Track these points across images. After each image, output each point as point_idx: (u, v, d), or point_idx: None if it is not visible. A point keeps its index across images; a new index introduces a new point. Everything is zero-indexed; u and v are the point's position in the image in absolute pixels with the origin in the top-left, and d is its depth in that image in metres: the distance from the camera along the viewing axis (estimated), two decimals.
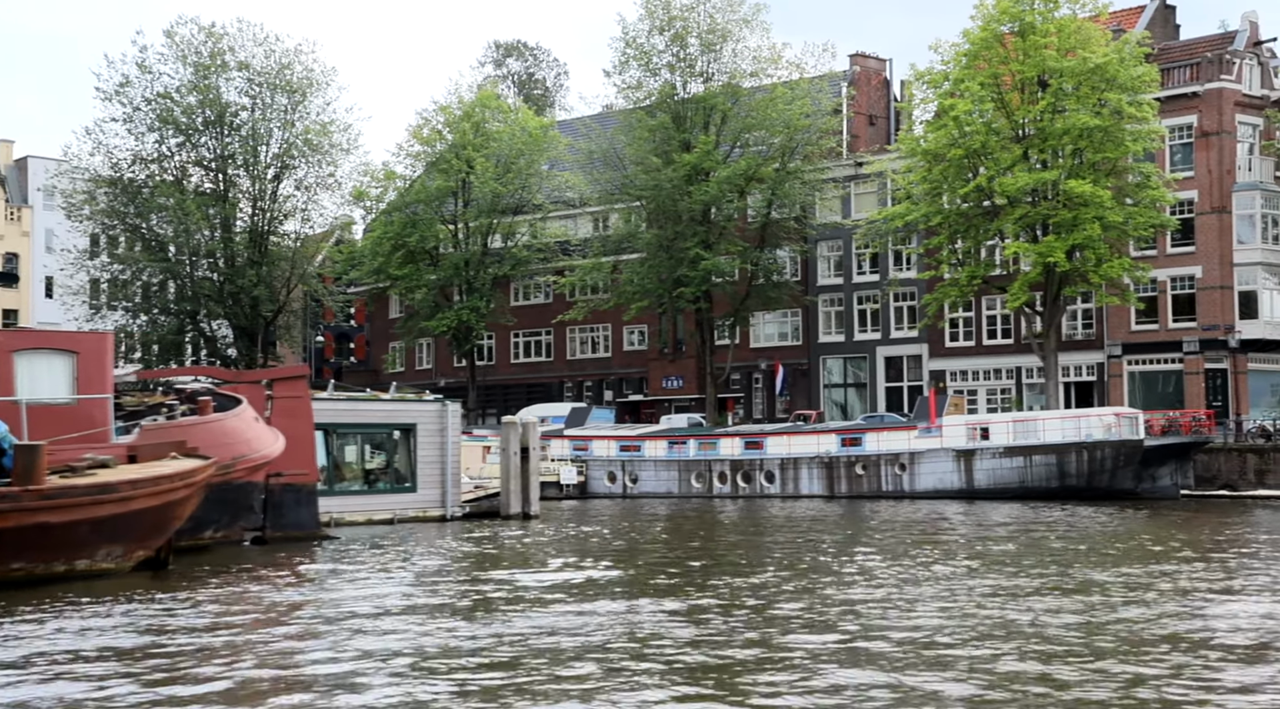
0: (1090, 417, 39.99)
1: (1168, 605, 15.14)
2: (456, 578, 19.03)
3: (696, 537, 26.86)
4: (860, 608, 15.06)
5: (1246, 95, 49.26)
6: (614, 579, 18.86)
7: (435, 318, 55.06)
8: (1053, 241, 42.96)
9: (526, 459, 29.86)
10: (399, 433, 27.60)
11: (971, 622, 13.93)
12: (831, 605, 15.37)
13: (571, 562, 21.30)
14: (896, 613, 14.69)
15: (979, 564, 20.27)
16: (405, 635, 13.29)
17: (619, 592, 17.24)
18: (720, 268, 49.42)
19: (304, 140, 57.81)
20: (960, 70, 45.38)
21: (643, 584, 18.13)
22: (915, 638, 12.81)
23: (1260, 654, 11.99)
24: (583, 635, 13.18)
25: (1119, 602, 15.47)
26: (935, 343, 54.56)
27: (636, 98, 52.89)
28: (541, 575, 19.31)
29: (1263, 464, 40.39)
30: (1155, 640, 12.76)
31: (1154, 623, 13.88)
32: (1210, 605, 15.12)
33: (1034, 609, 14.91)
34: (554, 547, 24.64)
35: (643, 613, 14.91)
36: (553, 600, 16.08)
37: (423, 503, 28.92)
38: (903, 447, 41.70)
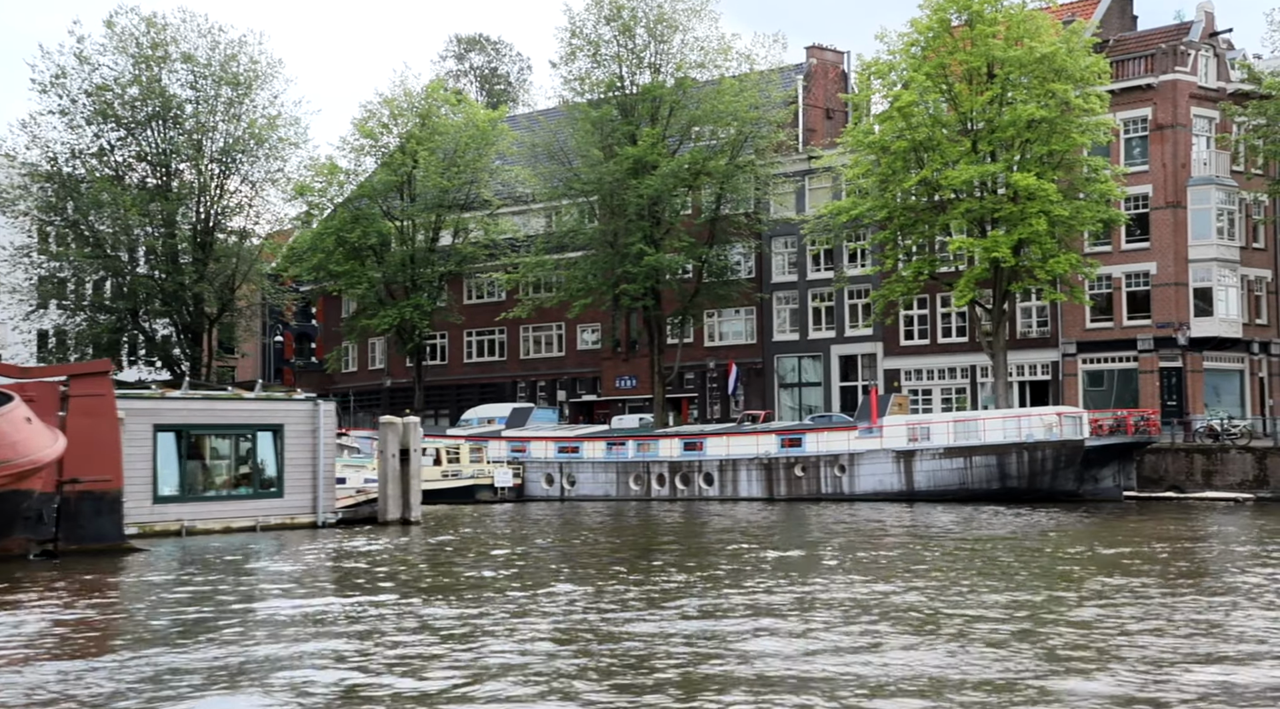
0: (1031, 416, 38.88)
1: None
2: (175, 606, 16.55)
3: (583, 550, 24.74)
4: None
5: (1202, 87, 48.21)
6: (359, 611, 15.94)
7: (377, 316, 53.79)
8: (998, 236, 41.90)
9: (407, 461, 28.39)
10: (264, 434, 26.20)
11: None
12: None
13: (367, 585, 18.86)
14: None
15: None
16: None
17: (339, 628, 14.61)
18: (664, 264, 48.22)
19: (250, 134, 56.61)
20: (907, 61, 44.32)
21: (384, 620, 15.30)
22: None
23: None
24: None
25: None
26: (890, 341, 53.46)
27: (584, 90, 51.70)
28: (304, 603, 16.87)
29: (1210, 465, 39.32)
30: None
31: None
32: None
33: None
34: (394, 562, 22.41)
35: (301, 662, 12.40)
36: (248, 638, 13.78)
37: (291, 509, 27.34)
38: (843, 448, 40.56)
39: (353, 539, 25.66)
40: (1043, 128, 42.44)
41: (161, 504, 25.94)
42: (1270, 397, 49.31)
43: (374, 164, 57.29)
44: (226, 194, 57.61)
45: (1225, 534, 26.77)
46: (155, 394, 25.82)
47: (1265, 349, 49.35)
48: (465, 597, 17.32)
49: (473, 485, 42.54)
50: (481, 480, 42.77)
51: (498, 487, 43.04)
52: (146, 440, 25.02)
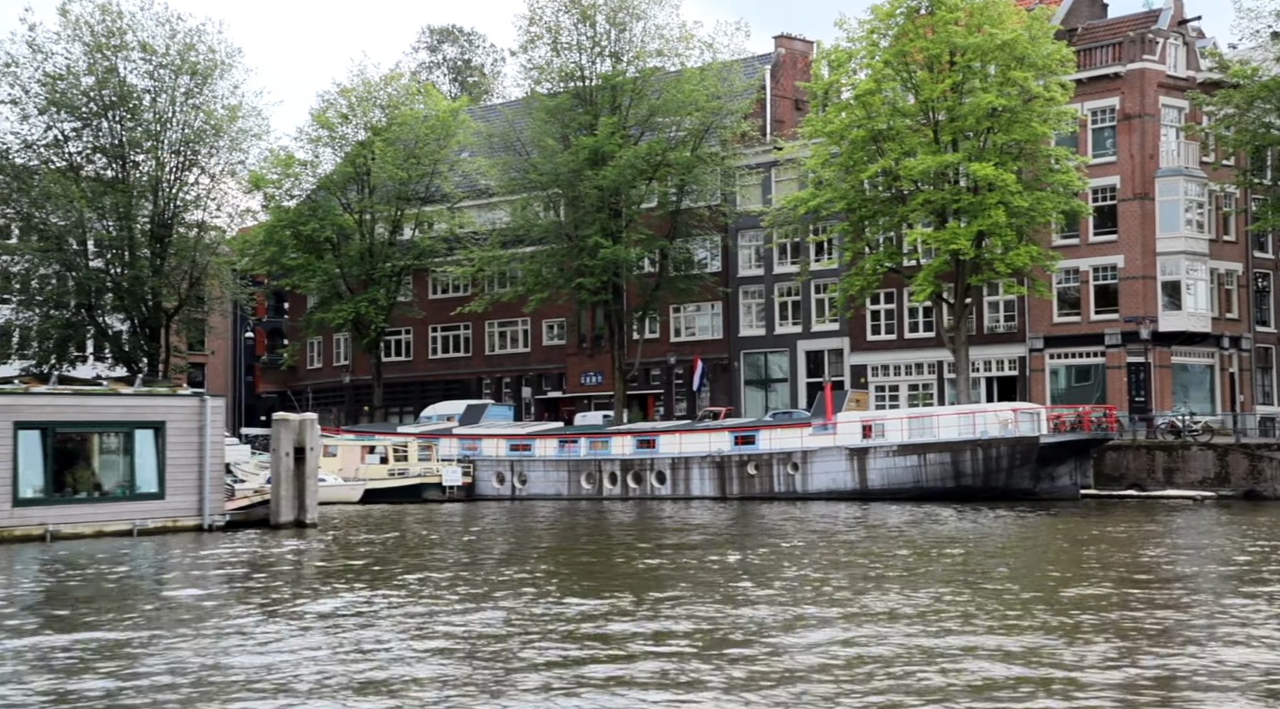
0: (986, 412, 37.83)
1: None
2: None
3: (480, 559, 22.05)
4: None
5: (1170, 76, 47.18)
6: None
7: (331, 310, 52.73)
8: (956, 228, 40.89)
9: (302, 460, 27.15)
10: (144, 432, 25.01)
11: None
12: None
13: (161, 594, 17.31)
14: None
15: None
16: None
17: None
18: (622, 257, 47.16)
19: (210, 125, 55.56)
20: (868, 48, 43.33)
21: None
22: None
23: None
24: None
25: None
26: (857, 336, 52.44)
27: (543, 79, 50.65)
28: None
29: (1171, 462, 38.32)
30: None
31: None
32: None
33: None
34: (242, 567, 20.83)
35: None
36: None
37: (173, 511, 25.99)
38: (795, 445, 39.53)
39: (220, 544, 24.16)
40: (1003, 117, 41.45)
41: (23, 507, 24.72)
42: (1241, 392, 48.32)
43: (332, 156, 56.22)
44: (185, 186, 56.64)
45: (1154, 535, 25.77)
46: (17, 389, 24.67)
47: (1236, 344, 48.36)
48: (269, 616, 15.28)
49: (419, 484, 41.50)
50: (429, 479, 41.72)
51: (446, 485, 41.98)
52: (5, 439, 23.91)
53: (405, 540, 26.29)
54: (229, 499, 27.81)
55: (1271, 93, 42.22)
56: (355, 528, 29.36)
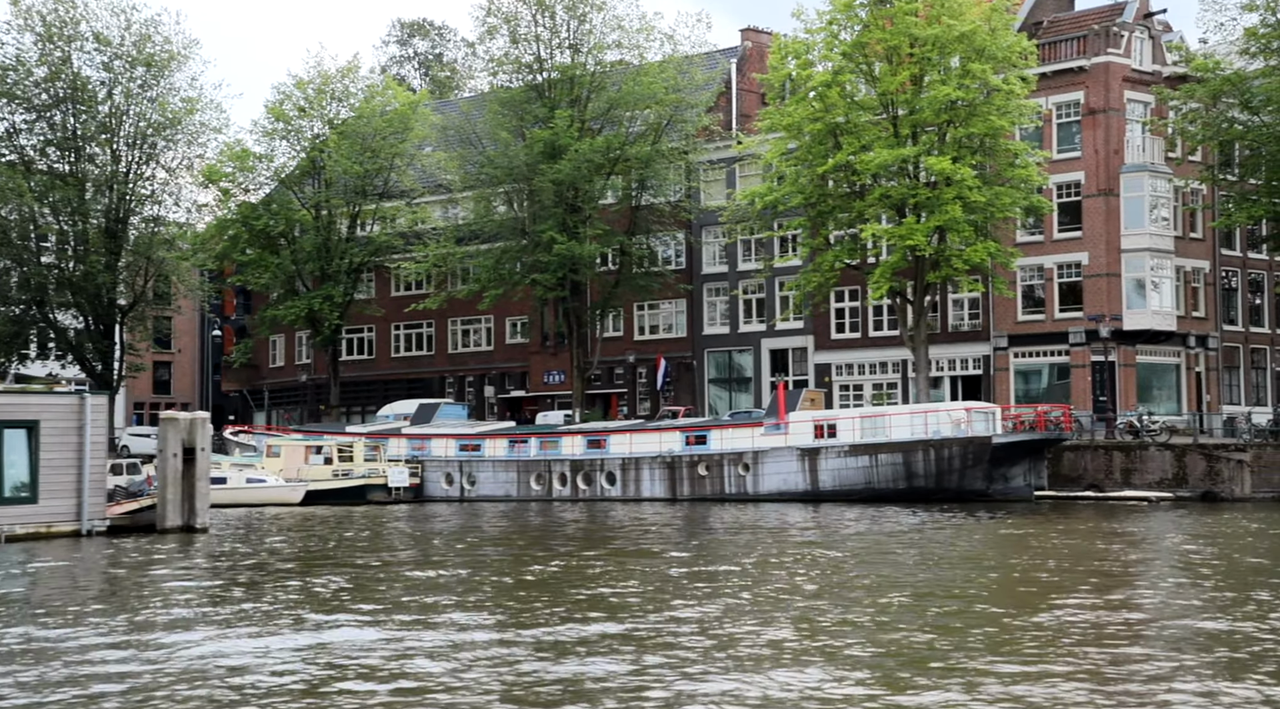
0: (939, 412, 36.95)
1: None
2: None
3: (362, 570, 19.93)
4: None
5: (1136, 70, 46.36)
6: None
7: (283, 307, 51.75)
8: (913, 223, 40.05)
9: (192, 461, 26.02)
10: (14, 432, 23.74)
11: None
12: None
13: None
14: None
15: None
16: None
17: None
18: (577, 253, 46.23)
19: (167, 118, 54.59)
20: (826, 40, 42.46)
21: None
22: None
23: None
24: None
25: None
26: (821, 334, 51.59)
27: (499, 70, 49.71)
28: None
29: (1129, 463, 37.49)
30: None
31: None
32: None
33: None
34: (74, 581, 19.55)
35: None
36: None
37: (48, 516, 24.66)
38: (747, 445, 38.64)
39: (92, 551, 22.65)
40: (961, 110, 40.64)
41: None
42: (1207, 392, 47.53)
43: (290, 149, 55.21)
44: (141, 181, 55.66)
45: (1088, 539, 24.91)
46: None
47: (1202, 343, 47.56)
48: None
49: (364, 485, 40.55)
50: (374, 480, 40.76)
51: (392, 487, 41.01)
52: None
53: (303, 546, 25.04)
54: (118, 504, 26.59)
55: (1234, 86, 41.41)
56: (255, 533, 28.15)
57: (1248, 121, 42.52)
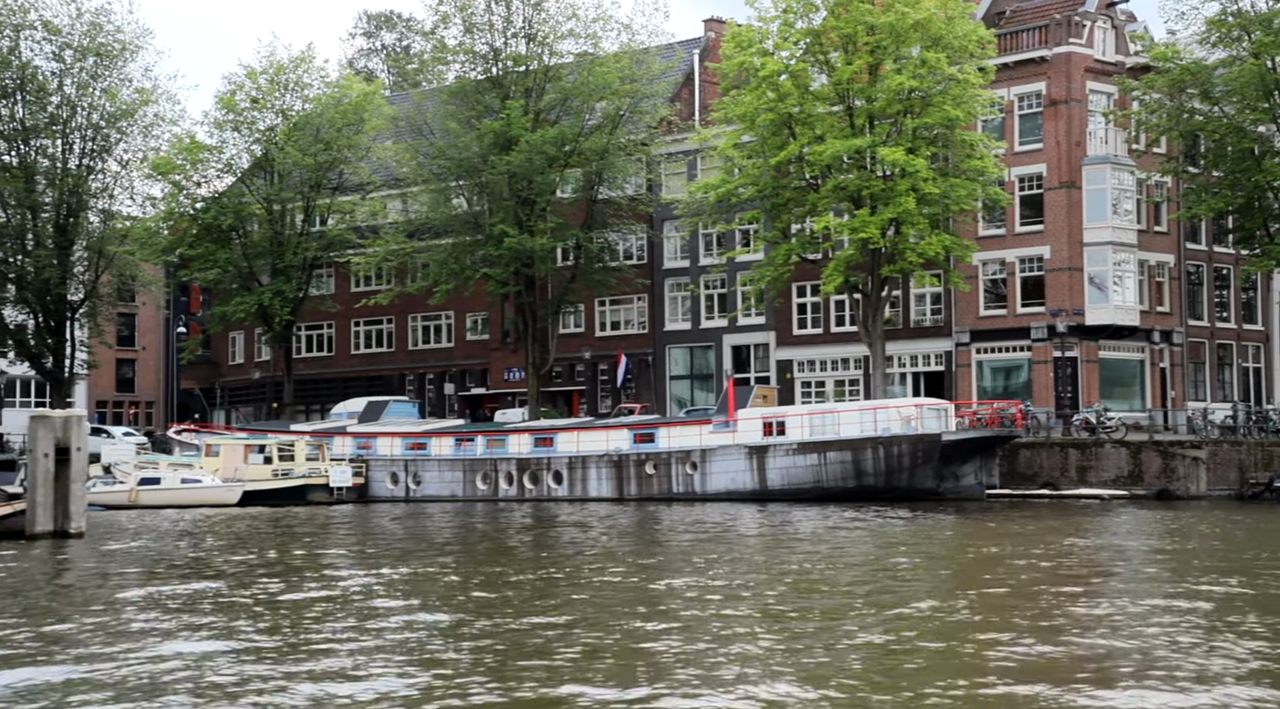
0: (889, 408, 36.03)
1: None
2: None
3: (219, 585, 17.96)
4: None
5: (1098, 61, 45.48)
6: None
7: (233, 302, 50.71)
8: (866, 216, 39.15)
9: (66, 462, 24.67)
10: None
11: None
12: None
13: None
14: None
15: None
16: None
17: None
18: (529, 246, 45.23)
19: (120, 109, 53.53)
20: (781, 28, 41.57)
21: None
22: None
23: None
24: None
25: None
26: (783, 330, 50.69)
27: (455, 61, 48.72)
28: None
29: (1084, 460, 36.64)
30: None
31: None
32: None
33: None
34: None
35: None
36: None
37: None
38: (695, 443, 37.71)
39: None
40: (916, 101, 39.77)
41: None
42: (1172, 388, 46.71)
43: (242, 141, 54.07)
44: (93, 174, 54.60)
45: (1017, 541, 24.01)
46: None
47: (1167, 338, 46.74)
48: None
49: (304, 485, 39.53)
50: (315, 480, 39.75)
51: (333, 486, 40.00)
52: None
53: (182, 552, 23.64)
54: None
55: (1194, 77, 40.58)
56: (145, 537, 26.72)
57: (1208, 112, 41.71)
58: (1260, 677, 10.65)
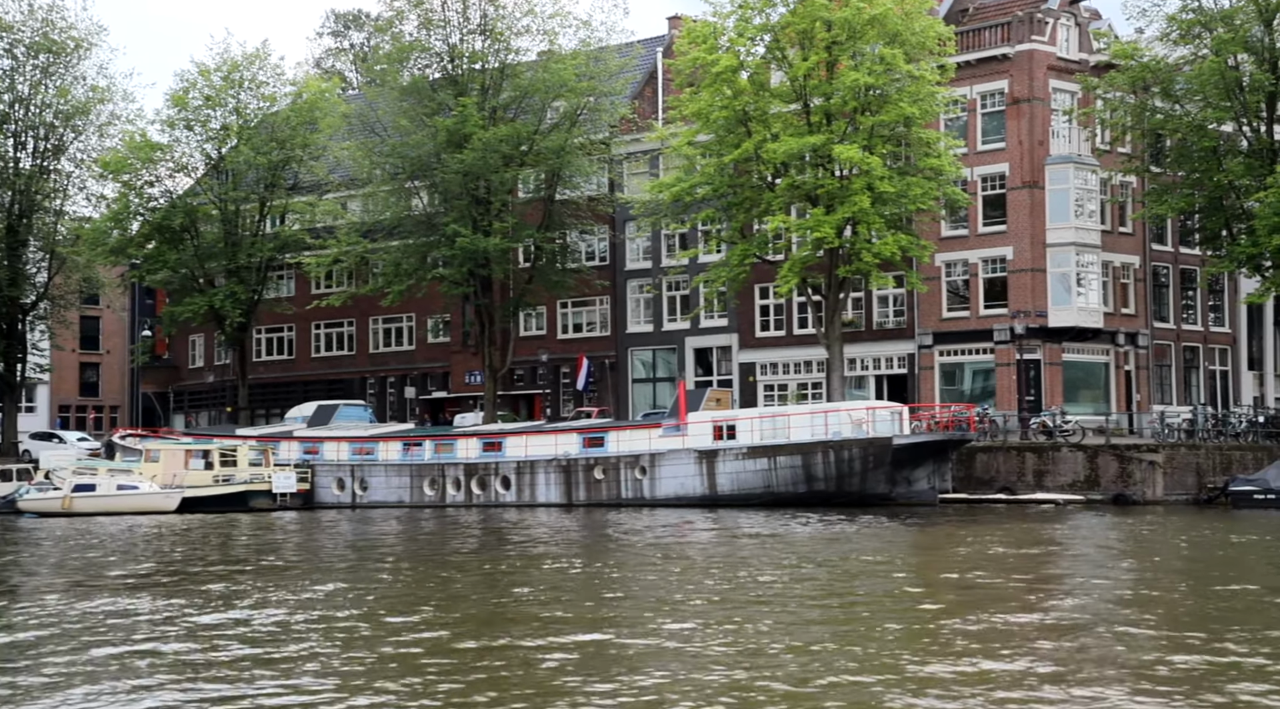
0: (839, 412, 35.21)
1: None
2: None
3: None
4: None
5: (1061, 59, 44.76)
6: None
7: (183, 303, 49.76)
8: (820, 215, 38.36)
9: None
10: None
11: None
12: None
13: None
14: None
15: None
16: None
17: None
18: (480, 247, 44.34)
19: (74, 107, 52.60)
20: (737, 24, 40.77)
21: None
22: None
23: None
24: None
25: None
26: (745, 333, 49.90)
27: (402, 57, 47.76)
28: None
29: (1041, 464, 35.86)
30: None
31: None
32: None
33: None
34: None
35: None
36: None
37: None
38: (644, 447, 36.85)
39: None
40: (872, 98, 39.00)
41: None
42: (1138, 391, 45.97)
43: (196, 140, 53.08)
44: (46, 174, 53.63)
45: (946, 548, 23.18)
46: None
47: (1132, 340, 46.01)
48: None
49: (246, 492, 38.57)
50: (257, 486, 38.81)
51: (276, 492, 39.04)
52: None
53: (45, 562, 22.46)
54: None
55: (1154, 74, 39.87)
56: (29, 546, 25.55)
57: (1169, 111, 41.03)
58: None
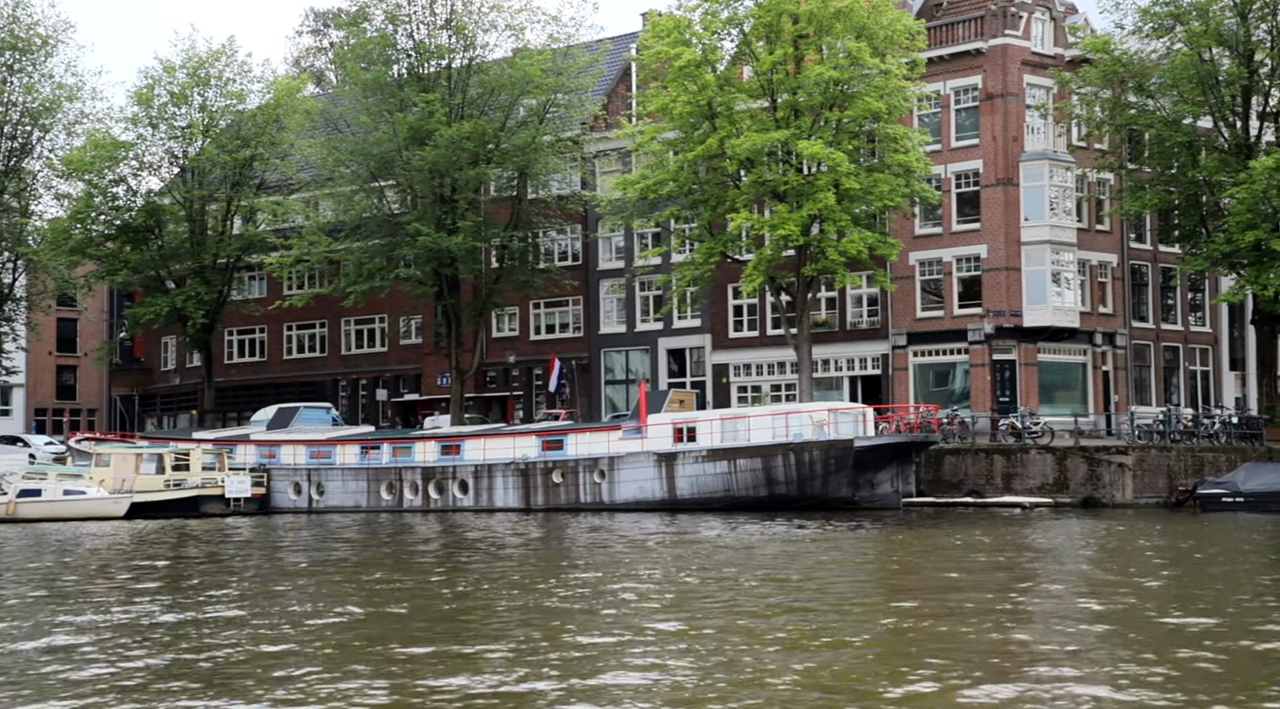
0: (800, 413, 34.31)
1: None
2: None
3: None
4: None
5: (1036, 53, 43.88)
6: None
7: (143, 303, 48.89)
8: (785, 212, 37.50)
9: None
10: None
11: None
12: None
13: None
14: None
15: None
16: None
17: None
18: (442, 245, 43.47)
19: (41, 106, 51.80)
20: (703, 18, 39.94)
21: None
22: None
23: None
24: None
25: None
26: (719, 333, 49.04)
27: (364, 53, 46.93)
28: None
29: (1010, 467, 34.98)
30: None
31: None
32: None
33: None
34: None
35: None
36: None
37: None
38: (603, 451, 35.97)
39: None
40: (839, 93, 38.15)
41: None
42: (1116, 392, 45.06)
43: (162, 138, 52.15)
44: (10, 174, 52.78)
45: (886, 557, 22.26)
46: None
47: (1110, 340, 45.10)
48: None
49: (197, 496, 37.68)
50: (209, 491, 37.92)
51: (230, 497, 38.14)
52: None
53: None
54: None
55: (1126, 68, 39.00)
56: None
57: (1142, 105, 40.18)
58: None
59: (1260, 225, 36.51)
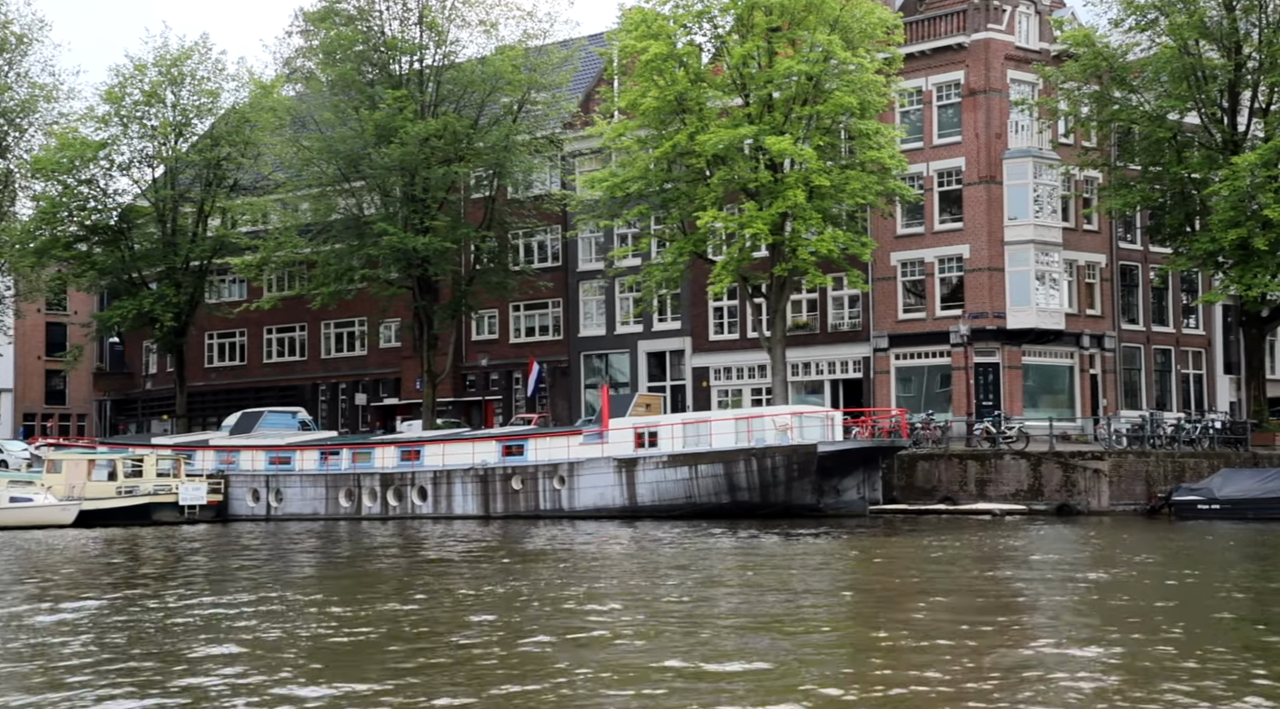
0: (763, 417, 33.12)
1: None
2: None
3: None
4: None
5: (1020, 48, 42.65)
6: None
7: (110, 307, 48.03)
8: (754, 210, 36.36)
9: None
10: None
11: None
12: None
13: None
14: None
15: None
16: None
17: None
18: (410, 246, 42.47)
19: (16, 106, 51.05)
20: (673, 11, 38.89)
21: None
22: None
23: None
24: None
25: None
26: (699, 336, 47.92)
27: (336, 49, 46.00)
28: None
29: (984, 473, 33.72)
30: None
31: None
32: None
33: None
34: None
35: None
36: None
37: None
38: (564, 456, 34.84)
39: None
40: (811, 88, 37.00)
41: None
42: (1104, 395, 43.73)
43: (134, 138, 51.28)
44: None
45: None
46: None
47: (1098, 342, 43.78)
48: None
49: (149, 504, 36.67)
50: (162, 497, 36.92)
51: (183, 504, 37.14)
52: None
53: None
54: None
55: (1108, 62, 37.72)
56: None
57: (1125, 100, 38.90)
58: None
59: (1244, 223, 35.19)
